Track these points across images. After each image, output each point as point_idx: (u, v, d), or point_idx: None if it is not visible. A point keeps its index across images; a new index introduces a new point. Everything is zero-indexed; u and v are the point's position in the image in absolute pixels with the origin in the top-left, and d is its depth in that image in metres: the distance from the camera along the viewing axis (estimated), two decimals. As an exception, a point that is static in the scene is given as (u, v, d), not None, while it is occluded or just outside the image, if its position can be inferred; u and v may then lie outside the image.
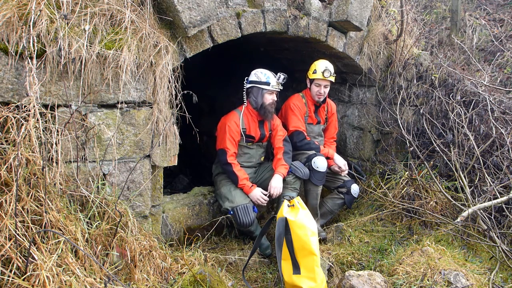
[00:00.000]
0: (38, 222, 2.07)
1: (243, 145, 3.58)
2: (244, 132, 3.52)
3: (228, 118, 3.52)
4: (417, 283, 2.62)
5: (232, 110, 3.62)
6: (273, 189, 3.41)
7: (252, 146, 3.62)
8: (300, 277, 2.66)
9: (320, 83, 3.82)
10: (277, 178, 3.46)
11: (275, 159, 3.60)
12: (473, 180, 3.77)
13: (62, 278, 1.90)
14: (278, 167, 3.52)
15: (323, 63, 3.82)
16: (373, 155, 4.60)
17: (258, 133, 3.59)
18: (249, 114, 3.56)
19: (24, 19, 2.21)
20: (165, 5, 2.82)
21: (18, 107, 2.17)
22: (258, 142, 3.65)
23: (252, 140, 3.59)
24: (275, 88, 3.48)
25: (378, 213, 3.85)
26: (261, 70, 3.53)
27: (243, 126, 3.52)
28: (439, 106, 4.31)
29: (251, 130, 3.56)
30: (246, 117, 3.55)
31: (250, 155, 3.64)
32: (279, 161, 3.55)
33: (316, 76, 3.79)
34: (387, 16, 4.52)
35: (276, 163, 3.56)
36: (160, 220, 3.09)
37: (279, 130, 3.69)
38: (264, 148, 3.76)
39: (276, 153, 3.63)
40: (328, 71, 3.75)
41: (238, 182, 3.38)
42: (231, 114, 3.57)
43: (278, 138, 3.65)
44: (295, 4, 3.64)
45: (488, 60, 6.11)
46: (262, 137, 3.64)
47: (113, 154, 2.61)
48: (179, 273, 2.52)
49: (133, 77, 2.63)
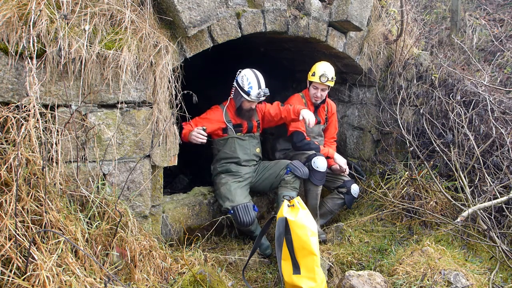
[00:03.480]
0: (38, 222, 2.07)
1: (235, 136, 3.59)
2: (231, 124, 3.56)
3: (209, 110, 3.60)
4: (417, 283, 2.62)
5: (216, 105, 3.66)
6: (305, 119, 3.44)
7: (244, 137, 3.64)
8: (300, 277, 2.66)
9: (318, 86, 3.84)
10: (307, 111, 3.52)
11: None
12: (473, 180, 3.77)
13: (62, 278, 1.90)
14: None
15: (322, 66, 3.82)
16: (373, 155, 4.60)
17: (245, 123, 3.64)
18: (233, 108, 3.63)
19: (24, 19, 2.21)
20: (165, 5, 2.82)
21: (18, 107, 2.16)
22: (249, 133, 3.68)
23: (241, 129, 3.62)
24: (253, 100, 3.47)
25: (378, 213, 3.85)
26: (249, 75, 3.44)
27: (228, 119, 3.57)
28: (439, 106, 4.31)
29: (237, 121, 3.61)
30: (230, 111, 3.61)
31: (244, 146, 3.64)
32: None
33: (314, 79, 3.80)
34: (387, 16, 4.51)
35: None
36: (160, 220, 3.09)
37: (273, 106, 3.74)
38: (257, 139, 3.77)
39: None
40: (325, 76, 3.74)
41: (182, 132, 3.30)
42: (213, 107, 3.63)
43: (285, 109, 3.67)
44: (295, 4, 3.64)
45: (488, 60, 6.11)
46: (250, 128, 3.67)
47: (113, 154, 2.61)
48: (179, 273, 2.52)
49: (133, 77, 2.63)
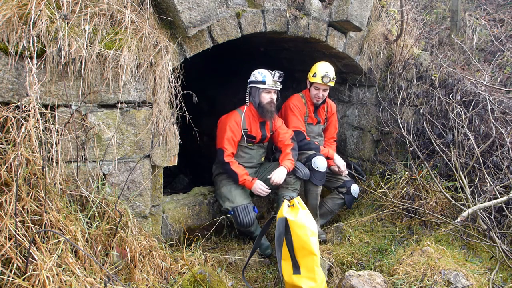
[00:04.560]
0: (38, 222, 2.07)
1: (244, 145, 3.57)
2: (246, 133, 3.52)
3: (228, 118, 3.52)
4: (417, 283, 2.62)
5: (234, 110, 3.61)
6: (274, 176, 3.38)
7: (253, 147, 3.62)
8: (300, 277, 2.66)
9: (319, 87, 3.83)
10: (281, 169, 3.44)
11: (283, 153, 3.58)
12: (473, 180, 3.77)
13: (62, 278, 1.90)
14: (285, 160, 3.50)
15: (323, 67, 3.80)
16: (373, 155, 4.60)
17: (259, 134, 3.59)
18: (251, 114, 3.56)
19: (24, 19, 2.21)
20: (165, 5, 2.82)
21: (18, 107, 2.16)
22: (259, 143, 3.65)
23: (253, 141, 3.59)
24: (271, 87, 3.46)
25: (378, 213, 3.85)
26: (259, 70, 3.52)
27: (244, 127, 3.52)
28: (439, 106, 4.32)
29: (253, 131, 3.55)
30: (248, 118, 3.55)
31: (250, 155, 3.64)
32: (286, 155, 3.54)
33: (316, 80, 3.78)
34: (387, 16, 4.51)
35: (284, 157, 3.54)
36: (160, 220, 3.09)
37: (283, 130, 3.68)
38: (264, 148, 3.76)
39: (284, 149, 3.61)
40: (328, 77, 3.73)
41: (239, 179, 3.38)
42: (232, 114, 3.56)
43: (285, 136, 3.64)
44: (295, 4, 3.64)
45: (488, 60, 6.11)
46: (263, 137, 3.63)
47: (113, 154, 2.61)
48: (179, 273, 2.52)
49: (133, 77, 2.63)
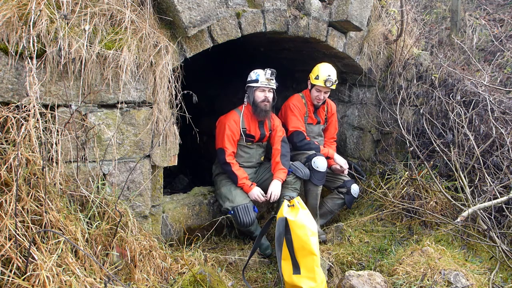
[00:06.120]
0: (38, 222, 2.07)
1: (243, 144, 3.58)
2: (245, 132, 3.53)
3: (227, 118, 3.53)
4: (417, 283, 2.62)
5: (232, 110, 3.62)
6: (271, 195, 3.41)
7: (252, 146, 3.62)
8: (300, 277, 2.66)
9: (321, 89, 3.82)
10: (276, 183, 3.46)
11: (273, 162, 3.59)
12: (473, 180, 3.77)
13: (62, 278, 1.90)
14: (277, 171, 3.51)
15: (326, 70, 3.77)
16: (373, 155, 4.60)
17: (258, 133, 3.59)
18: (249, 113, 3.57)
19: (24, 19, 2.21)
20: (165, 5, 2.82)
21: (18, 107, 2.17)
22: (258, 142, 3.65)
23: (252, 140, 3.59)
24: (264, 85, 3.47)
25: (378, 213, 3.85)
26: (255, 70, 3.54)
27: (243, 126, 3.53)
28: (439, 106, 4.32)
29: (251, 130, 3.56)
30: (247, 117, 3.56)
31: (250, 155, 3.64)
32: (277, 165, 3.54)
33: (318, 83, 3.77)
34: (387, 16, 4.51)
35: (275, 168, 3.55)
36: (160, 220, 3.09)
37: (278, 131, 3.68)
38: (264, 148, 3.76)
39: (273, 156, 3.61)
40: (330, 81, 3.71)
41: (238, 181, 3.39)
42: (230, 114, 3.57)
43: (276, 139, 3.64)
44: (295, 4, 3.64)
45: (488, 60, 6.12)
46: (262, 136, 3.64)
47: (113, 154, 2.61)
48: (179, 273, 2.52)
49: (133, 77, 2.63)
